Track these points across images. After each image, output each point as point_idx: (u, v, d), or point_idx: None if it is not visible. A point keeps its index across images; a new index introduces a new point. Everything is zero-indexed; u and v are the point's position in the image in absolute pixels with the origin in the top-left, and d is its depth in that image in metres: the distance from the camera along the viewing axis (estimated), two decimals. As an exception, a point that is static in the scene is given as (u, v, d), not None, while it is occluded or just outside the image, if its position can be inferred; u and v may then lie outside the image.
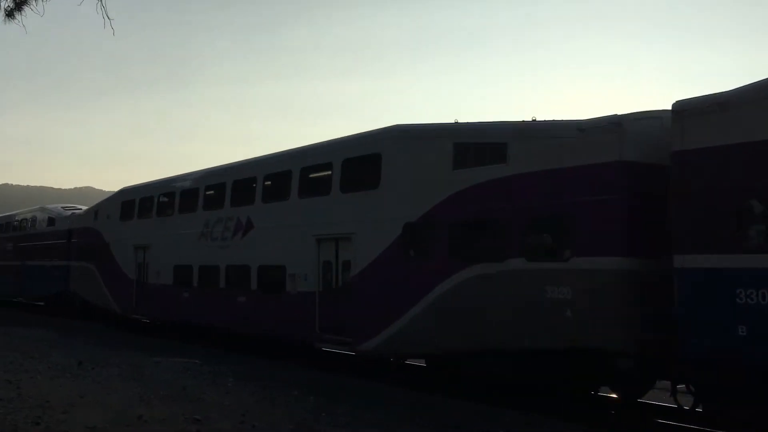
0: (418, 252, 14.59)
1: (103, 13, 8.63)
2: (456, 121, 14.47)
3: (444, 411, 12.01)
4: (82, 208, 33.62)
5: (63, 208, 34.31)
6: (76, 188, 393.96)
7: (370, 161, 15.88)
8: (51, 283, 32.17)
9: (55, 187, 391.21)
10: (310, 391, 13.10)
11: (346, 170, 16.55)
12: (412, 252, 14.64)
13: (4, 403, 10.80)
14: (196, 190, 22.44)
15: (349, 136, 17.14)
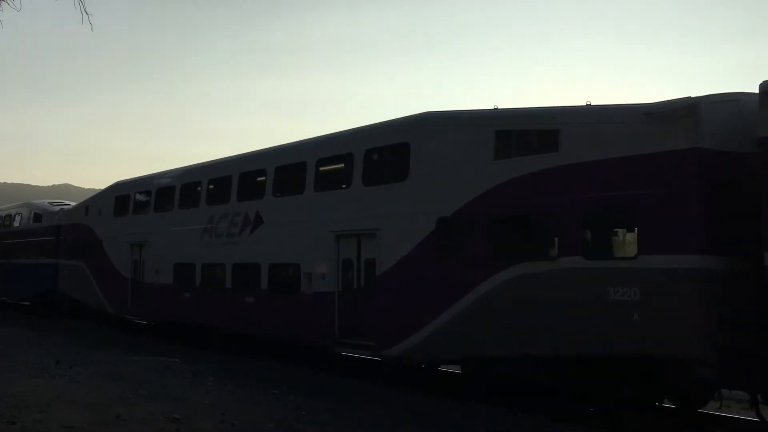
0: (453, 249, 13.45)
1: (82, 8, 8.76)
2: (495, 107, 13.34)
3: (429, 410, 11.75)
4: (70, 203, 32.11)
5: (50, 203, 32.76)
6: (54, 186, 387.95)
7: (396, 151, 14.76)
8: (38, 282, 30.65)
9: (33, 185, 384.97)
10: (291, 389, 13.02)
11: (369, 161, 15.40)
12: (446, 249, 13.51)
13: (-22, 403, 10.53)
14: (198, 184, 21.16)
15: (372, 125, 15.95)
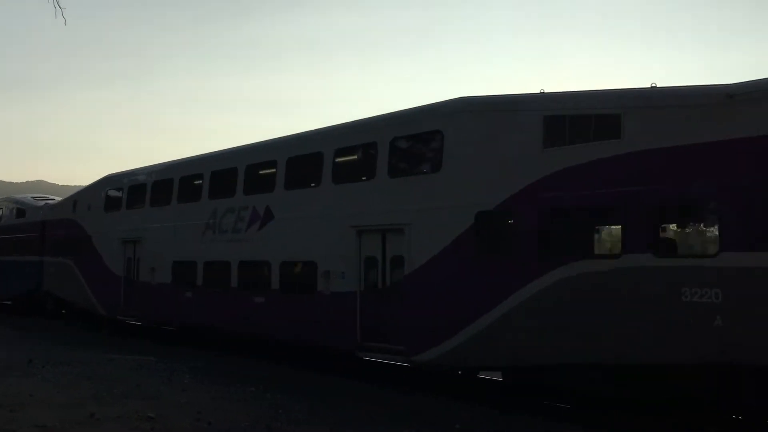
0: (494, 246, 12.35)
1: (55, 2, 8.66)
2: (542, 91, 12.22)
3: (414, 409, 11.52)
4: (55, 198, 30.49)
5: (34, 198, 31.08)
6: (28, 182, 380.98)
7: (428, 140, 13.63)
8: (21, 281, 29.01)
9: (6, 181, 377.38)
10: (268, 387, 12.91)
11: (395, 151, 14.22)
12: (486, 246, 12.39)
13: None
14: (199, 176, 19.78)
15: (399, 111, 14.70)
